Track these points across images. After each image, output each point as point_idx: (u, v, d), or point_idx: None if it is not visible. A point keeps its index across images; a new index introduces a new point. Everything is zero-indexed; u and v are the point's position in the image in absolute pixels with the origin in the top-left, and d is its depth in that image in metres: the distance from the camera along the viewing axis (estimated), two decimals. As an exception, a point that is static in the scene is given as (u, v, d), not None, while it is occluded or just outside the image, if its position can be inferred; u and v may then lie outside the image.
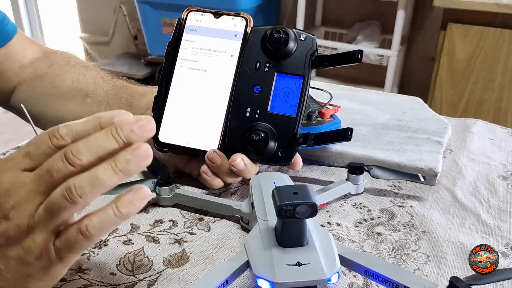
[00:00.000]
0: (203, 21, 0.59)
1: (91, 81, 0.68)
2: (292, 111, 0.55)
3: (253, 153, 0.55)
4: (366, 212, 0.56)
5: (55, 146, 0.34)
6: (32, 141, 0.35)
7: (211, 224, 0.54)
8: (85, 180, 0.32)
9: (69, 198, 0.32)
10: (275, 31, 0.55)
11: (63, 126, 0.34)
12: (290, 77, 0.56)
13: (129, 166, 0.33)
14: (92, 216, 0.34)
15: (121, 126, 0.34)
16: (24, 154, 0.34)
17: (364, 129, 0.71)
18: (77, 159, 0.33)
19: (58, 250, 0.34)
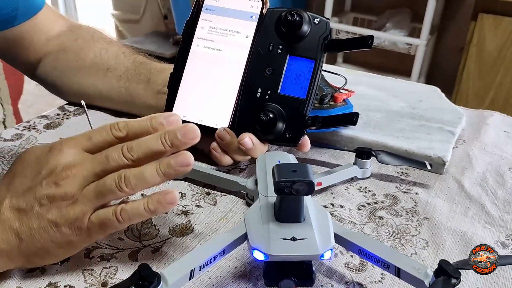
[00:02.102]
0: (221, 1, 0.60)
1: (112, 56, 0.71)
2: (302, 94, 0.56)
3: (261, 133, 0.56)
4: (371, 196, 0.57)
5: (114, 135, 0.41)
6: (95, 129, 0.42)
7: (217, 199, 0.56)
8: (133, 174, 0.39)
9: (118, 185, 0.39)
10: (289, 13, 0.56)
11: (122, 121, 0.41)
12: (302, 60, 0.57)
13: (169, 170, 0.39)
14: (127, 204, 0.40)
15: (169, 129, 0.40)
16: (87, 137, 0.41)
17: (377, 115, 0.71)
18: (129, 154, 0.39)
19: (91, 223, 0.39)
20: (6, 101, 1.32)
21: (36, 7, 0.70)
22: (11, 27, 0.67)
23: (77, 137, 0.41)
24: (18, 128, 0.68)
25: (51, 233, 0.39)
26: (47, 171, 0.40)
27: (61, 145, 0.41)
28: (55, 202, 0.39)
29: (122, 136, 0.41)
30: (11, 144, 0.64)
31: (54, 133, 0.67)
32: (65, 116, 0.72)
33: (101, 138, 0.41)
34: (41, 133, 0.67)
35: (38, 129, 0.68)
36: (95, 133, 0.41)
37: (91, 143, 0.41)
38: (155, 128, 0.41)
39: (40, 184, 0.39)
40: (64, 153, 0.40)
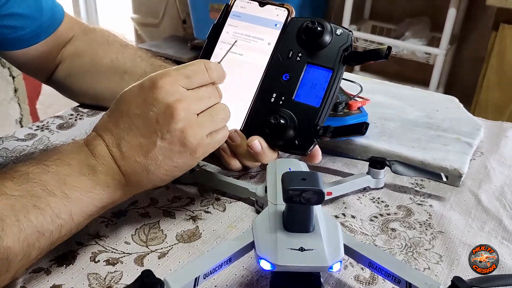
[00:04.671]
0: (248, 8, 0.61)
1: (129, 60, 0.71)
2: (316, 102, 0.55)
3: (271, 137, 0.55)
4: (383, 207, 0.56)
5: (209, 75, 0.48)
6: (190, 66, 0.48)
7: (226, 205, 0.55)
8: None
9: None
10: (311, 22, 0.55)
11: (212, 62, 0.50)
12: (320, 69, 0.56)
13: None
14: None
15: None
16: (185, 75, 0.46)
17: (392, 124, 0.70)
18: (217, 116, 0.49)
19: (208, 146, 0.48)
20: (24, 101, 1.34)
21: (58, 21, 0.70)
22: (33, 44, 0.68)
23: (173, 73, 0.46)
24: (32, 128, 0.68)
25: (175, 160, 0.45)
26: (160, 108, 0.44)
27: (161, 82, 0.45)
28: (176, 135, 0.44)
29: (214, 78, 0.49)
30: (24, 144, 0.64)
31: (67, 133, 0.67)
32: (78, 116, 0.72)
33: (198, 80, 0.47)
34: (53, 133, 0.67)
35: (51, 129, 0.68)
36: (192, 72, 0.47)
37: (189, 82, 0.46)
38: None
39: (157, 120, 0.44)
40: (168, 90, 0.45)
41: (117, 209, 0.52)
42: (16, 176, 0.41)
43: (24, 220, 0.39)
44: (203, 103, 0.48)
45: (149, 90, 0.45)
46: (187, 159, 0.46)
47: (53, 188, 0.41)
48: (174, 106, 0.44)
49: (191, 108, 0.46)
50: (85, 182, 0.43)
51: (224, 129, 0.50)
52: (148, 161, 0.45)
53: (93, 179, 0.43)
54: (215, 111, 0.49)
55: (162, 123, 0.44)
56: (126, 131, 0.45)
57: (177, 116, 0.44)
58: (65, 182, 0.42)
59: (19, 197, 0.39)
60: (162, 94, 0.45)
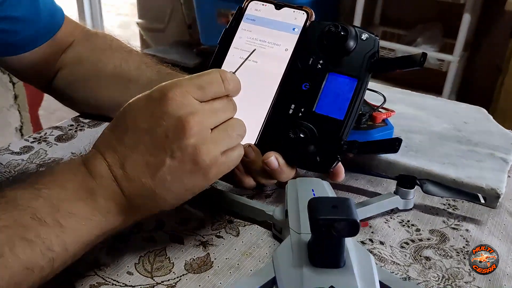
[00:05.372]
0: (263, 11, 0.56)
1: (134, 67, 0.66)
2: (340, 114, 0.50)
3: (289, 153, 0.50)
4: (414, 232, 0.50)
5: (225, 87, 0.43)
6: (204, 76, 0.43)
7: (240, 228, 0.49)
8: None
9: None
10: (334, 26, 0.50)
11: (228, 72, 0.44)
12: (344, 78, 0.51)
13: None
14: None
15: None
16: (198, 86, 0.41)
17: (418, 137, 0.64)
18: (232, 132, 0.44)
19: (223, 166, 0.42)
20: (24, 108, 1.29)
21: (57, 25, 0.65)
22: (31, 50, 0.63)
23: (185, 84, 0.41)
24: (28, 140, 0.63)
25: (186, 182, 0.40)
26: (170, 122, 0.39)
27: (172, 93, 0.40)
28: (187, 152, 0.39)
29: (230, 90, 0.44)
30: (19, 158, 0.59)
31: (66, 146, 0.62)
32: (78, 127, 0.67)
33: (212, 92, 0.42)
34: (52, 146, 0.62)
35: (49, 141, 0.63)
36: (206, 83, 0.42)
37: (203, 93, 0.41)
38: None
39: (167, 136, 0.39)
40: (180, 102, 0.40)
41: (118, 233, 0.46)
42: (2, 202, 0.35)
43: (10, 255, 0.33)
44: (218, 117, 0.43)
45: (158, 102, 0.40)
46: (199, 181, 0.41)
47: (44, 215, 0.36)
48: (186, 120, 0.40)
49: (204, 123, 0.41)
50: (83, 208, 0.38)
51: (239, 147, 0.45)
52: (156, 182, 0.40)
53: (91, 204, 0.38)
54: (230, 126, 0.44)
55: (172, 139, 0.39)
56: (131, 148, 0.40)
57: (189, 131, 0.39)
58: (58, 208, 0.37)
59: (3, 227, 0.34)
60: (173, 106, 0.40)
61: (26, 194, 0.36)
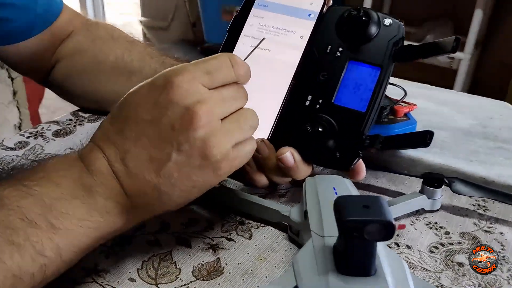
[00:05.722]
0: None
1: (136, 58, 0.62)
2: (362, 106, 0.46)
3: (306, 149, 0.46)
4: (443, 235, 0.46)
5: (235, 72, 0.38)
6: (212, 60, 0.38)
7: (253, 230, 0.45)
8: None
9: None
10: (355, 10, 0.46)
11: (236, 56, 0.40)
12: (365, 67, 0.47)
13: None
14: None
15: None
16: (206, 71, 0.37)
17: (442, 133, 0.60)
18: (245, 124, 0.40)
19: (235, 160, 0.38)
20: (23, 105, 1.25)
21: (54, 13, 0.61)
22: (26, 39, 0.59)
23: (192, 69, 0.37)
24: (24, 135, 0.59)
25: (194, 178, 0.36)
26: (176, 112, 0.35)
27: (178, 80, 0.36)
28: (196, 145, 0.35)
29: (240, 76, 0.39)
30: (13, 154, 0.55)
31: (64, 142, 0.58)
32: (78, 122, 0.63)
33: (221, 77, 0.38)
34: (48, 141, 0.58)
35: (46, 136, 0.59)
36: (214, 68, 0.38)
37: (211, 79, 0.37)
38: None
39: (172, 127, 0.35)
40: (187, 90, 0.36)
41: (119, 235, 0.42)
42: None
43: None
44: (228, 106, 0.39)
45: (162, 90, 0.36)
46: (209, 177, 0.37)
47: (34, 216, 0.31)
48: (194, 110, 0.35)
49: (214, 112, 0.37)
50: (79, 207, 0.34)
51: (251, 140, 0.40)
52: (161, 179, 0.36)
53: (88, 203, 0.34)
54: (242, 116, 0.39)
55: (178, 130, 0.35)
56: (133, 141, 0.36)
57: (198, 122, 0.35)
58: (51, 208, 0.32)
59: None
60: (179, 94, 0.36)
61: (14, 192, 0.32)
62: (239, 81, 0.40)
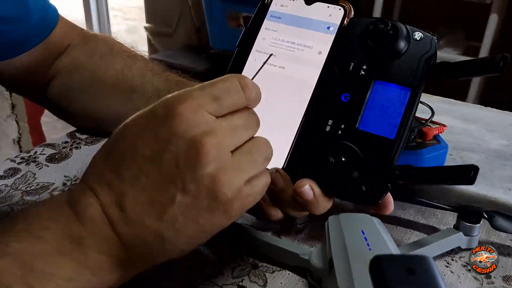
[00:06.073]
0: (290, 7, 0.47)
1: (138, 74, 0.57)
2: (390, 132, 0.40)
3: (327, 182, 0.41)
4: (484, 279, 0.40)
5: (246, 96, 0.34)
6: (219, 83, 0.33)
7: (268, 276, 0.40)
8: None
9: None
10: (381, 23, 0.41)
11: (247, 78, 0.35)
12: (394, 87, 0.41)
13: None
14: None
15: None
16: (213, 97, 0.32)
17: (474, 157, 0.54)
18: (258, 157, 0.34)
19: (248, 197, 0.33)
20: (22, 119, 1.20)
21: (49, 26, 0.57)
22: (19, 54, 0.54)
23: (197, 95, 0.32)
24: (15, 161, 0.54)
25: (201, 222, 0.31)
26: (180, 147, 0.31)
27: (181, 108, 0.31)
28: (204, 184, 0.30)
29: (251, 97, 0.34)
30: (2, 183, 0.50)
31: (59, 168, 0.53)
32: (74, 144, 0.58)
33: (230, 103, 0.33)
34: (41, 167, 0.53)
35: (39, 162, 0.54)
36: (223, 92, 0.33)
37: (219, 106, 0.32)
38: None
39: (176, 164, 0.30)
40: (192, 119, 0.31)
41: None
42: None
43: None
44: (239, 136, 0.34)
45: (163, 121, 0.31)
46: (219, 219, 0.32)
47: (12, 280, 0.26)
48: (201, 143, 0.31)
49: (223, 144, 0.32)
50: (66, 265, 0.28)
51: (265, 173, 0.35)
52: (164, 224, 0.31)
53: (78, 260, 0.29)
54: (255, 147, 0.34)
55: (183, 168, 0.31)
56: (130, 182, 0.31)
57: (206, 157, 0.31)
58: (32, 268, 0.27)
59: None
60: (183, 125, 0.31)
61: None
62: (250, 106, 0.35)
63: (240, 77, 0.35)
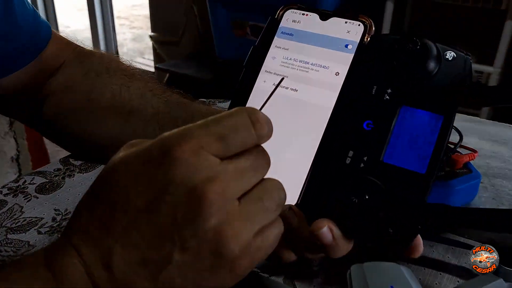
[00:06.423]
0: (303, 23, 0.43)
1: (136, 95, 0.53)
2: (421, 166, 0.35)
3: (348, 223, 0.36)
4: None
5: (256, 133, 0.29)
6: (226, 119, 0.28)
7: (281, 332, 0.35)
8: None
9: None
10: (408, 41, 0.36)
11: (260, 112, 0.30)
12: (424, 114, 0.36)
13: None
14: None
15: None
16: (218, 135, 0.28)
17: (507, 185, 0.49)
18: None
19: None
20: (21, 136, 1.16)
21: (41, 43, 0.53)
22: (8, 74, 0.51)
23: (199, 133, 0.27)
24: (1, 192, 0.49)
25: (203, 283, 0.27)
26: (178, 196, 0.26)
27: (180, 151, 0.27)
28: (206, 239, 0.26)
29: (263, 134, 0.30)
30: (-14, 218, 0.45)
31: (48, 200, 0.48)
32: (67, 172, 0.53)
33: (239, 141, 0.28)
34: (30, 199, 0.48)
35: (27, 193, 0.49)
36: (230, 131, 0.28)
37: (225, 147, 0.28)
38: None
39: (174, 217, 0.26)
40: (192, 164, 0.27)
41: None
42: None
43: None
44: (247, 180, 0.29)
45: (159, 165, 0.27)
46: (223, 279, 0.28)
47: None
48: (203, 191, 0.26)
49: (229, 192, 0.27)
50: None
51: (278, 222, 0.31)
52: (158, 287, 0.26)
53: None
54: (266, 192, 0.30)
55: (182, 221, 0.26)
56: (120, 237, 0.26)
57: (209, 208, 0.26)
58: None
59: None
60: (182, 171, 0.26)
61: None
62: (260, 142, 0.30)
63: (250, 111, 0.30)
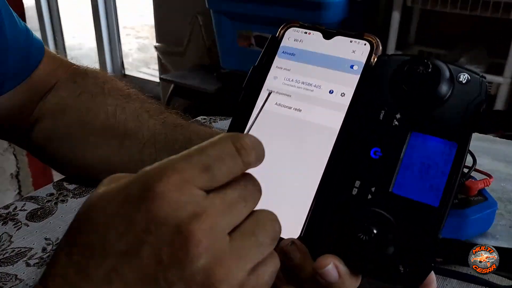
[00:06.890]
0: (306, 41, 0.41)
1: (132, 116, 0.51)
2: (433, 198, 0.33)
3: (355, 259, 0.33)
4: None
5: (244, 162, 0.27)
6: (209, 149, 0.26)
7: None
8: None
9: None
10: (418, 62, 0.34)
11: (246, 135, 0.28)
12: (436, 141, 0.34)
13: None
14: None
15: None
16: (203, 167, 0.26)
17: (525, 211, 0.46)
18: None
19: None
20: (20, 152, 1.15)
21: (33, 63, 0.51)
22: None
23: (182, 167, 0.25)
24: (-10, 219, 0.47)
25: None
26: (162, 236, 0.24)
27: (161, 187, 0.24)
28: (195, 282, 0.24)
29: (251, 161, 0.27)
30: (-28, 249, 0.43)
31: (39, 228, 0.46)
32: (60, 197, 0.51)
33: (225, 171, 0.26)
34: (20, 227, 0.46)
35: (18, 220, 0.47)
36: (213, 160, 0.26)
37: (211, 178, 0.26)
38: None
39: (159, 259, 0.24)
40: (175, 201, 0.24)
41: None
42: None
43: None
44: (237, 212, 0.27)
45: (139, 203, 0.24)
46: None
47: None
48: (189, 229, 0.24)
49: (218, 227, 0.25)
50: None
51: (273, 257, 0.28)
52: None
53: None
54: (259, 225, 0.27)
55: (168, 263, 0.24)
56: (100, 284, 0.24)
57: (196, 248, 0.24)
58: None
59: None
60: (165, 208, 0.24)
61: None
62: (247, 169, 0.28)
63: (234, 137, 0.27)
